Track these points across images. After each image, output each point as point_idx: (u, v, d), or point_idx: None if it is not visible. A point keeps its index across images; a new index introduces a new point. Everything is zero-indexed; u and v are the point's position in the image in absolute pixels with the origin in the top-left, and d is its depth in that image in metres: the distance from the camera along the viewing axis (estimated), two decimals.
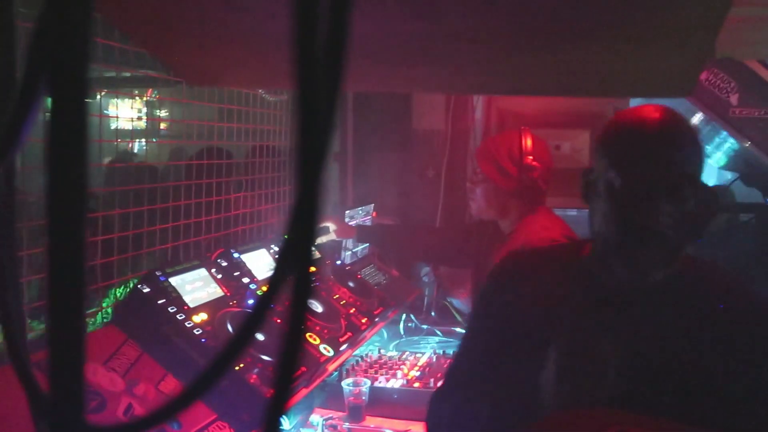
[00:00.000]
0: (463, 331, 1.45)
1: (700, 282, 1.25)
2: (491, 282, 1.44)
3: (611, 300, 1.24)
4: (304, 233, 0.32)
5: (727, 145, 3.78)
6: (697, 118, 3.74)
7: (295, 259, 0.32)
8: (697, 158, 1.21)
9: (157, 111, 2.47)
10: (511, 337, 1.30)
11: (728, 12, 0.74)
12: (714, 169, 5.19)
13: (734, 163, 4.08)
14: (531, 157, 2.27)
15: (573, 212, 3.22)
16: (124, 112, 2.06)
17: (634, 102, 3.79)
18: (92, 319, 1.79)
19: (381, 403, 2.24)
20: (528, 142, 2.30)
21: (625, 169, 1.17)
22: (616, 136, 1.24)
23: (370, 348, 2.70)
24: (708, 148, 4.20)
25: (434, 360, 2.57)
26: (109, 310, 1.81)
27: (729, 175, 4.41)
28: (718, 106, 3.33)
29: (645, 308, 1.22)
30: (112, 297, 1.88)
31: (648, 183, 1.15)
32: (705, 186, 1.22)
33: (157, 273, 1.78)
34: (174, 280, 1.80)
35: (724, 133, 3.49)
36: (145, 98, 2.11)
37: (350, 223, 2.89)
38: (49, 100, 0.27)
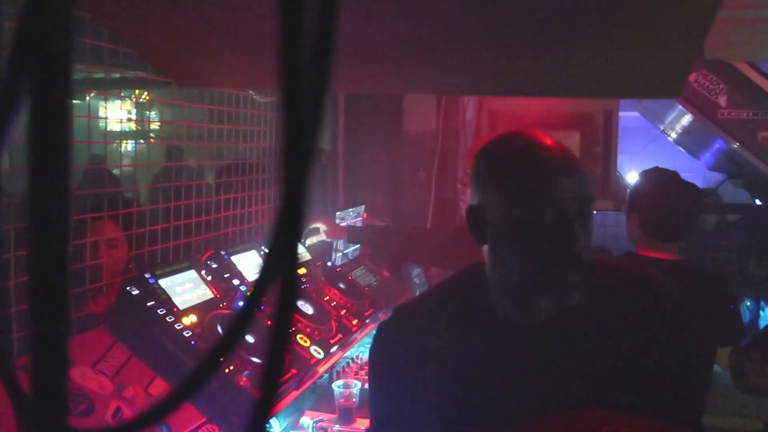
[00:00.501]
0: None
1: (603, 288, 1.21)
2: (377, 345, 1.34)
3: (517, 330, 1.19)
4: (290, 234, 0.31)
5: (715, 147, 3.81)
6: (686, 119, 3.76)
7: (282, 260, 0.32)
8: (588, 181, 1.15)
9: (147, 112, 2.46)
10: (424, 388, 1.22)
11: (716, 15, 0.74)
12: (703, 170, 5.23)
13: (723, 164, 4.12)
14: None
15: None
16: (114, 114, 2.05)
17: (623, 103, 3.82)
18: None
19: None
20: None
21: (531, 199, 1.10)
22: (511, 168, 1.14)
23: (360, 350, 2.69)
24: (697, 149, 4.23)
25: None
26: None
27: (717, 176, 4.45)
28: (707, 107, 3.35)
29: (554, 333, 1.18)
30: None
31: (561, 209, 1.10)
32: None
33: (147, 275, 1.77)
34: (163, 282, 1.79)
35: (713, 134, 3.52)
36: (134, 99, 2.10)
37: (341, 225, 2.88)
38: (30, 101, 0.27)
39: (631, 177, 5.29)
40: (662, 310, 1.21)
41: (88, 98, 1.86)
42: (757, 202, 4.05)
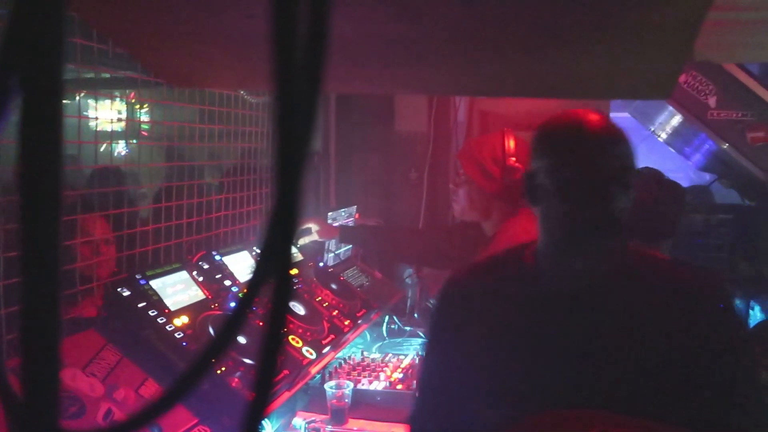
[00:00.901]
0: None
1: (647, 273, 1.27)
2: (437, 310, 1.43)
3: (562, 299, 1.26)
4: (284, 235, 0.31)
5: (705, 147, 3.83)
6: (676, 120, 3.78)
7: (275, 261, 0.32)
8: (631, 153, 1.26)
9: (138, 112, 2.45)
10: (471, 356, 1.31)
11: (706, 16, 0.75)
12: (693, 171, 5.26)
13: (712, 164, 4.14)
14: (514, 159, 2.28)
15: None
16: (104, 114, 2.04)
17: (614, 104, 3.83)
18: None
19: (364, 405, 2.23)
20: (511, 144, 2.31)
21: (575, 164, 1.22)
22: (560, 137, 1.28)
23: (353, 350, 2.69)
24: (687, 150, 4.25)
25: (417, 362, 2.57)
26: None
27: (707, 177, 4.47)
28: (696, 108, 3.37)
29: (595, 302, 1.24)
30: None
31: (598, 173, 1.20)
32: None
33: (138, 276, 1.77)
34: (155, 283, 1.79)
35: (703, 135, 3.54)
36: (125, 99, 2.09)
37: (333, 225, 2.88)
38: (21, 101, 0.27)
39: None
40: (723, 320, 1.21)
41: (78, 98, 1.85)
42: (747, 202, 4.08)
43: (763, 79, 3.52)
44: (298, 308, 2.20)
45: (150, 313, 1.70)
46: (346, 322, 2.38)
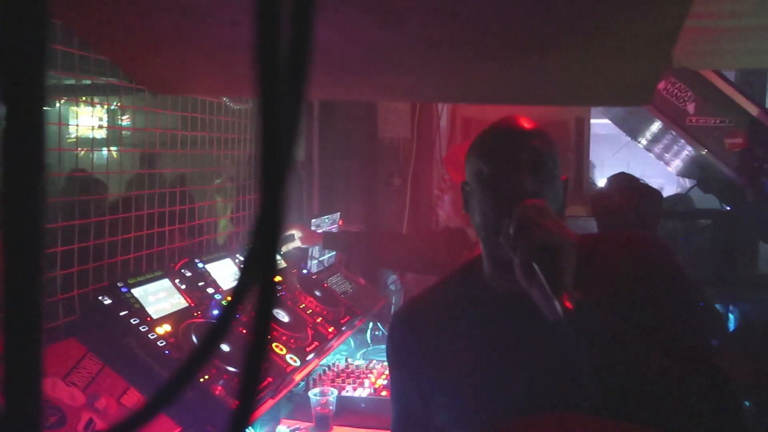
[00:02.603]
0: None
1: (593, 253, 1.24)
2: (388, 346, 1.41)
3: (512, 303, 1.22)
4: (268, 243, 0.31)
5: (684, 153, 3.89)
6: (656, 127, 3.83)
7: (259, 268, 0.32)
8: (548, 151, 1.22)
9: (119, 119, 2.43)
10: (431, 382, 1.29)
11: (684, 24, 0.76)
12: (673, 176, 5.33)
13: (691, 170, 4.19)
14: None
15: None
16: (85, 121, 2.02)
17: (595, 111, 3.87)
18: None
19: (348, 412, 2.23)
20: None
21: (492, 159, 1.21)
22: (478, 140, 1.28)
23: (336, 357, 2.68)
24: (666, 156, 4.31)
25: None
26: None
27: (687, 182, 4.53)
28: (675, 114, 3.42)
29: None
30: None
31: (509, 164, 1.19)
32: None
33: (119, 284, 1.75)
34: (136, 291, 1.77)
35: (682, 141, 3.59)
36: (106, 106, 2.07)
37: (316, 231, 2.88)
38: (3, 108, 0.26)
39: (603, 184, 5.35)
40: (657, 260, 1.20)
41: (58, 105, 1.83)
42: (725, 207, 4.14)
43: (741, 86, 3.58)
44: (282, 315, 2.19)
45: (132, 321, 1.68)
46: (330, 329, 2.37)
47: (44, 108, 0.28)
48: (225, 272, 2.21)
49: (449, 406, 1.26)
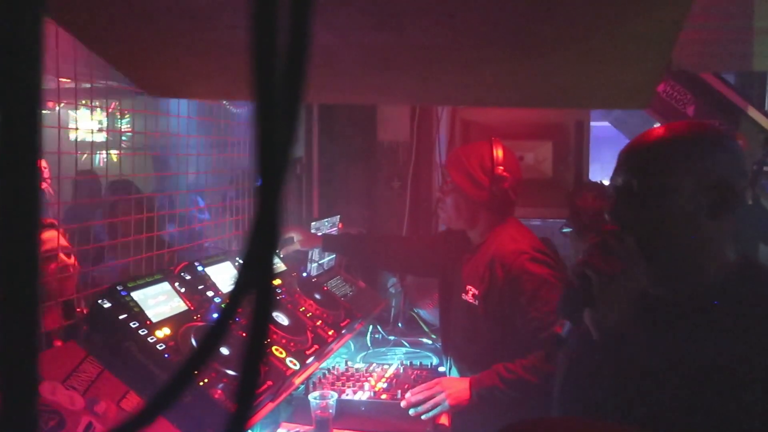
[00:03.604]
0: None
1: (749, 287, 1.18)
2: None
3: (658, 315, 1.21)
4: (266, 245, 0.31)
5: None
6: None
7: (257, 271, 0.32)
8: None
9: (119, 122, 2.43)
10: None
11: (683, 27, 0.76)
12: None
13: None
14: (502, 168, 2.29)
15: (536, 222, 3.26)
16: (84, 124, 2.02)
17: (594, 114, 3.87)
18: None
19: (348, 415, 2.22)
20: (499, 153, 2.32)
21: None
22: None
23: (336, 360, 2.68)
24: None
25: (401, 371, 2.57)
26: None
27: None
28: (675, 117, 3.41)
29: (692, 319, 1.17)
30: None
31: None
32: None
33: (119, 287, 1.75)
34: (136, 295, 1.77)
35: None
36: (106, 109, 2.07)
37: (316, 234, 2.87)
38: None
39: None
40: None
41: (57, 108, 1.83)
42: None
43: (740, 89, 3.58)
44: (282, 318, 2.19)
45: (131, 324, 1.68)
46: (330, 332, 2.37)
47: (40, 111, 0.28)
48: (225, 275, 2.20)
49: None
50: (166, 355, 1.66)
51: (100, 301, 1.68)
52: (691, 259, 1.18)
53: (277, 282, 2.40)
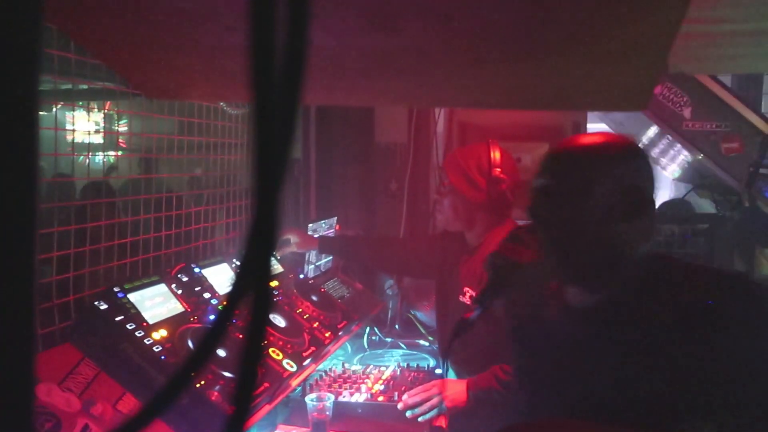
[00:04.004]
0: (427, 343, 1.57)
1: (658, 278, 1.27)
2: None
3: (576, 317, 1.30)
4: (263, 247, 0.31)
5: (680, 158, 3.89)
6: (652, 131, 3.84)
7: (255, 273, 0.32)
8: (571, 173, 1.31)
9: (116, 124, 2.43)
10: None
11: (679, 29, 0.76)
12: (668, 181, 5.35)
13: (688, 174, 4.20)
14: (499, 170, 2.30)
15: None
16: (81, 125, 2.02)
17: (591, 115, 3.88)
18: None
19: (345, 417, 2.22)
20: (496, 155, 2.32)
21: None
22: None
23: (333, 362, 2.68)
24: (663, 161, 4.32)
25: (398, 373, 2.57)
26: None
27: (683, 187, 4.54)
28: (672, 119, 3.42)
29: (615, 314, 1.26)
30: None
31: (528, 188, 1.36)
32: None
33: (115, 289, 1.74)
34: (132, 297, 1.76)
35: (678, 145, 3.59)
36: (103, 111, 2.07)
37: (313, 236, 2.87)
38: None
39: None
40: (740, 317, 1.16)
41: (54, 110, 1.83)
42: (722, 211, 4.15)
43: (737, 91, 3.59)
44: (279, 320, 2.19)
45: (128, 326, 1.68)
46: (327, 334, 2.37)
47: (37, 113, 0.28)
48: (221, 277, 2.20)
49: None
50: (162, 357, 1.66)
51: (96, 303, 1.68)
52: (604, 256, 1.27)
53: (274, 284, 2.39)
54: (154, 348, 1.67)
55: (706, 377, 1.13)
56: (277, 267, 2.61)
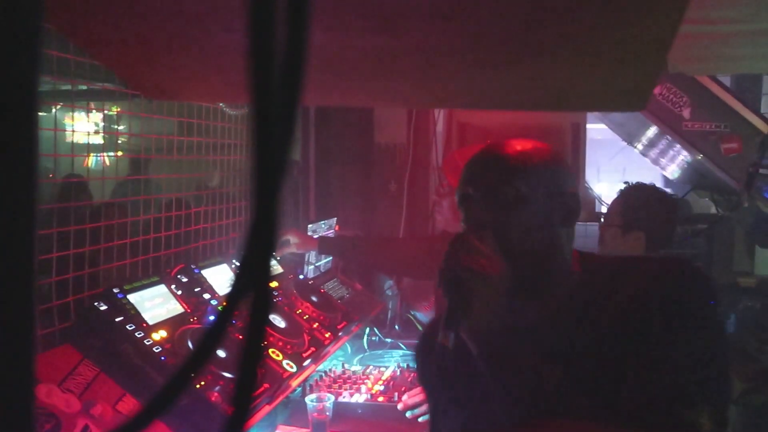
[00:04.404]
0: None
1: (594, 275, 1.28)
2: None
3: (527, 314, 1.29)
4: (263, 248, 0.31)
5: (680, 158, 3.89)
6: (652, 132, 3.84)
7: (254, 274, 0.32)
8: (518, 175, 1.31)
9: (115, 125, 2.43)
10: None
11: (679, 29, 0.76)
12: (670, 181, 5.35)
13: (688, 175, 4.20)
14: None
15: None
16: (81, 126, 2.02)
17: (590, 116, 3.88)
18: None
19: (345, 418, 2.22)
20: None
21: (459, 186, 1.37)
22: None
23: (333, 363, 2.68)
24: (662, 161, 4.32)
25: (398, 374, 2.57)
26: None
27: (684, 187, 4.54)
28: (671, 119, 3.42)
29: (557, 314, 1.26)
30: None
31: (466, 192, 1.38)
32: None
33: (115, 290, 1.74)
34: (132, 297, 1.76)
35: (678, 146, 3.59)
36: (102, 112, 2.07)
37: (312, 236, 2.87)
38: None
39: (600, 188, 5.38)
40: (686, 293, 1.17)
41: (54, 110, 1.83)
42: (721, 212, 4.15)
43: (736, 92, 3.59)
44: (278, 321, 2.19)
45: (128, 327, 1.68)
46: (327, 335, 2.37)
47: (36, 114, 0.28)
48: (221, 278, 2.20)
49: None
50: (162, 358, 1.66)
51: (96, 304, 1.68)
52: (547, 261, 1.27)
53: (274, 284, 2.39)
54: (153, 349, 1.67)
55: (668, 364, 1.12)
56: (276, 268, 2.61)
